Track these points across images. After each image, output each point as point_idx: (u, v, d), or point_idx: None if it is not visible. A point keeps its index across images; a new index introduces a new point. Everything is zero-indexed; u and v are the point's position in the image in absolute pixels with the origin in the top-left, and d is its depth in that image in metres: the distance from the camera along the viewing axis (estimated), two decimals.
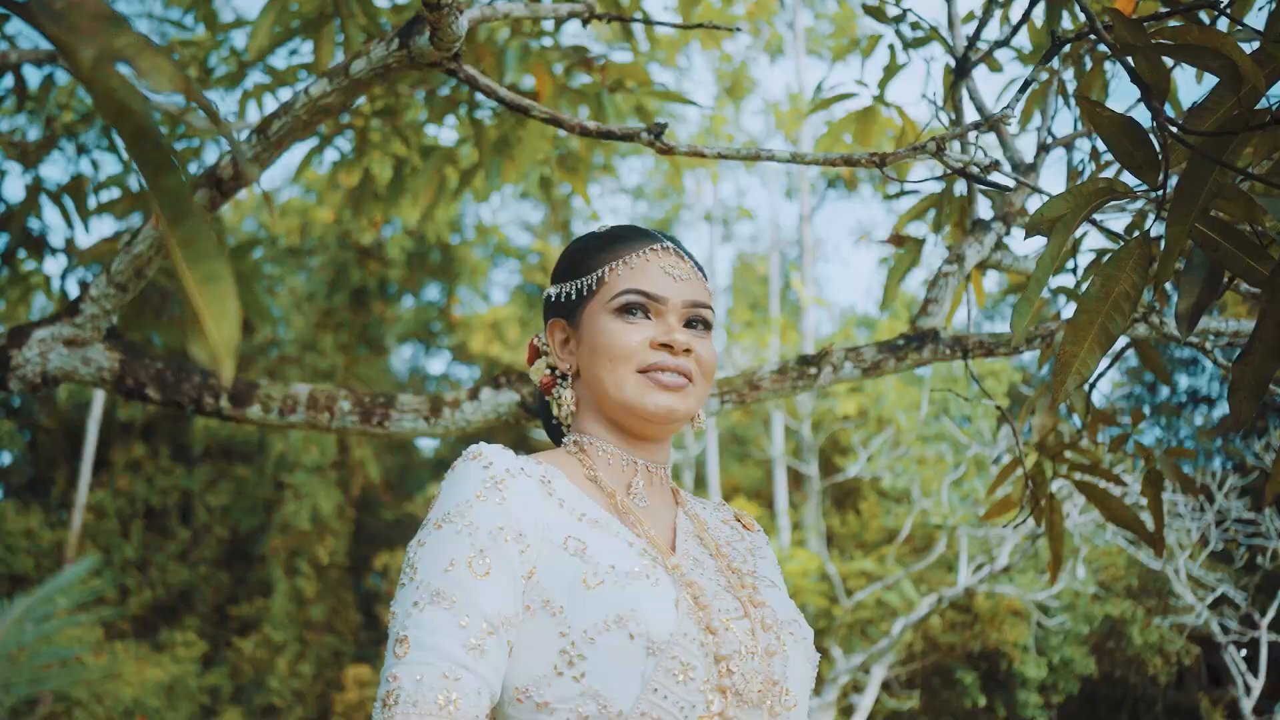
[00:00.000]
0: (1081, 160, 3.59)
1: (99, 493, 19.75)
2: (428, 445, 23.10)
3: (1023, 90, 1.97)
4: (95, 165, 5.31)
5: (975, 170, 2.30)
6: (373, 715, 1.33)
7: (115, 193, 5.64)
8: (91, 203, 5.16)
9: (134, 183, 6.31)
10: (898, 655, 13.47)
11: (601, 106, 4.38)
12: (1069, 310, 3.80)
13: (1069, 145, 3.51)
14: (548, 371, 1.67)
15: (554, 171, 5.62)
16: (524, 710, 1.39)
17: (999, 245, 3.24)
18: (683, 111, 18.67)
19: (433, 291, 22.91)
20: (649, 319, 1.59)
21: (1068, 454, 3.60)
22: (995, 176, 4.08)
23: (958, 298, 3.65)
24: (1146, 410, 19.15)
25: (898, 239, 3.97)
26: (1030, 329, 3.08)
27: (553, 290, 1.67)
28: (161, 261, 2.50)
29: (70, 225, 5.04)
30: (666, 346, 1.57)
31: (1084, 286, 2.73)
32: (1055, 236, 1.68)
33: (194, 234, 0.68)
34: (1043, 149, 3.32)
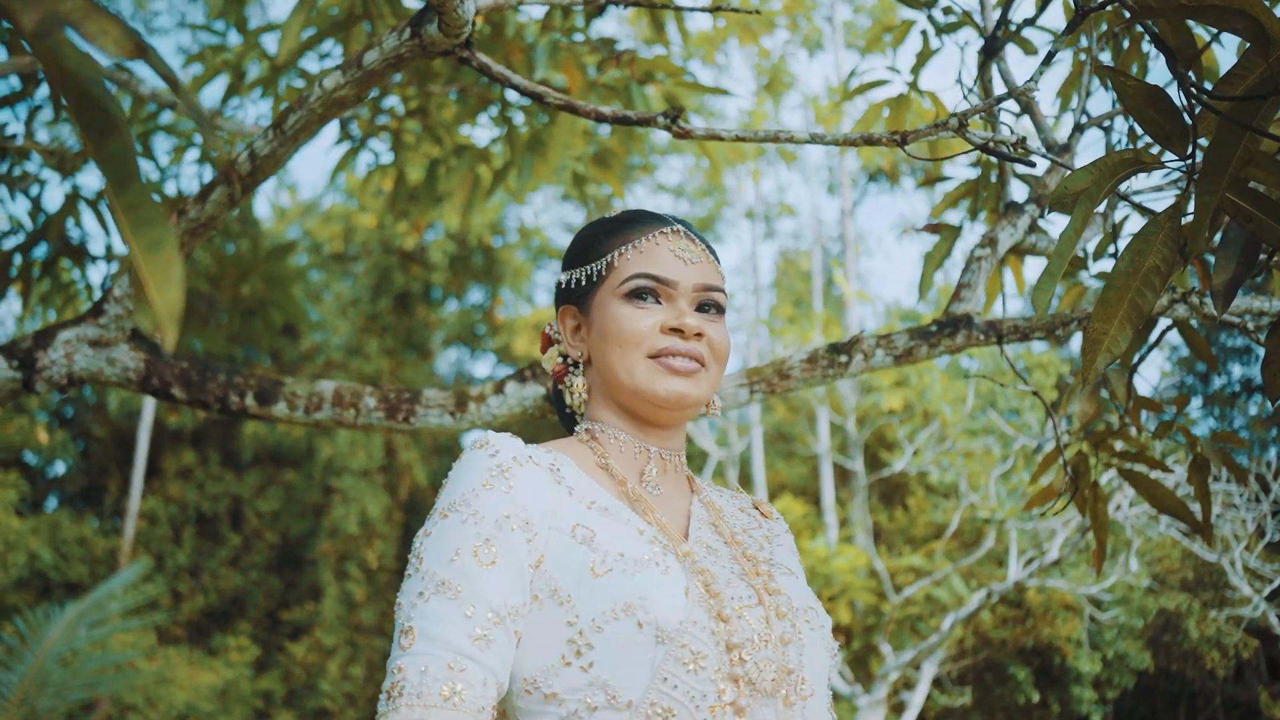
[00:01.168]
0: (1119, 139, 3.51)
1: (151, 500, 19.98)
2: None
3: (1045, 63, 1.91)
4: None
5: (1005, 149, 2.24)
6: (378, 707, 1.31)
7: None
8: None
9: (170, 188, 6.37)
10: (948, 651, 13.33)
11: (630, 100, 4.35)
12: None
13: (1105, 124, 3.44)
14: (560, 360, 1.65)
15: (588, 168, 5.60)
16: (532, 701, 1.37)
17: (1034, 228, 3.17)
18: (720, 108, 18.60)
19: (476, 295, 22.99)
20: (659, 303, 1.56)
21: (1115, 443, 3.53)
22: (1024, 153, 4.00)
23: (997, 284, 3.59)
24: (1200, 400, 18.82)
25: (933, 227, 3.92)
26: (1067, 313, 3.02)
27: (563, 277, 1.64)
28: (186, 260, 2.50)
29: (108, 232, 5.08)
30: (677, 331, 1.54)
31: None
32: (1078, 209, 1.63)
33: (138, 199, 0.66)
34: (1078, 129, 3.24)
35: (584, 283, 1.61)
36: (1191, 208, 1.76)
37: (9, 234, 5.33)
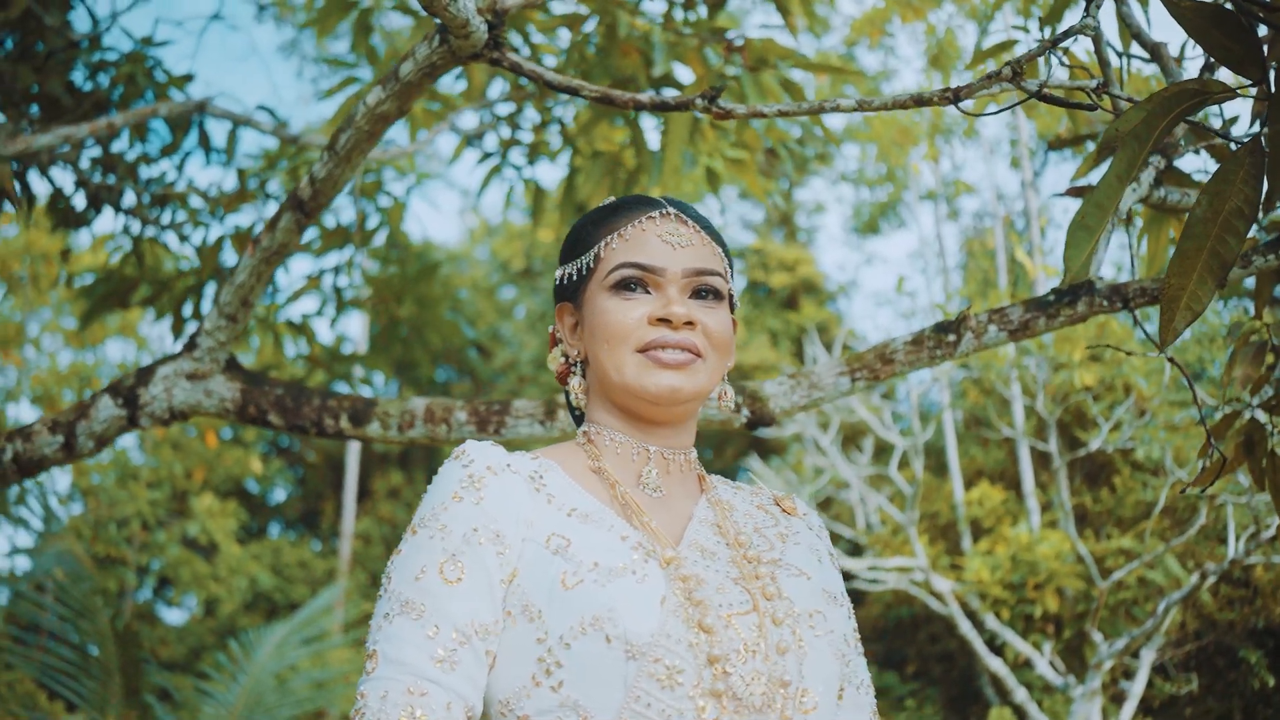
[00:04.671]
0: None
1: (364, 520, 20.80)
2: None
3: None
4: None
5: (1089, 96, 2.05)
6: None
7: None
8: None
9: (329, 220, 6.60)
10: (1169, 637, 12.58)
11: (743, 88, 4.24)
12: None
13: None
14: (563, 360, 1.56)
15: (724, 165, 5.50)
16: None
17: (1160, 181, 2.92)
18: (888, 89, 18.11)
19: None
20: (648, 293, 1.46)
21: None
22: (1099, 100, 3.71)
23: (1159, 244, 3.33)
24: None
25: (1076, 191, 3.69)
26: None
27: (558, 272, 1.56)
28: (263, 289, 2.53)
29: None
30: (665, 321, 1.43)
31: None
32: (1122, 152, 1.45)
33: None
34: (1207, 69, 2.97)
35: (575, 277, 1.52)
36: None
37: (181, 276, 5.57)
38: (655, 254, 1.46)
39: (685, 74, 6.08)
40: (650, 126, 5.28)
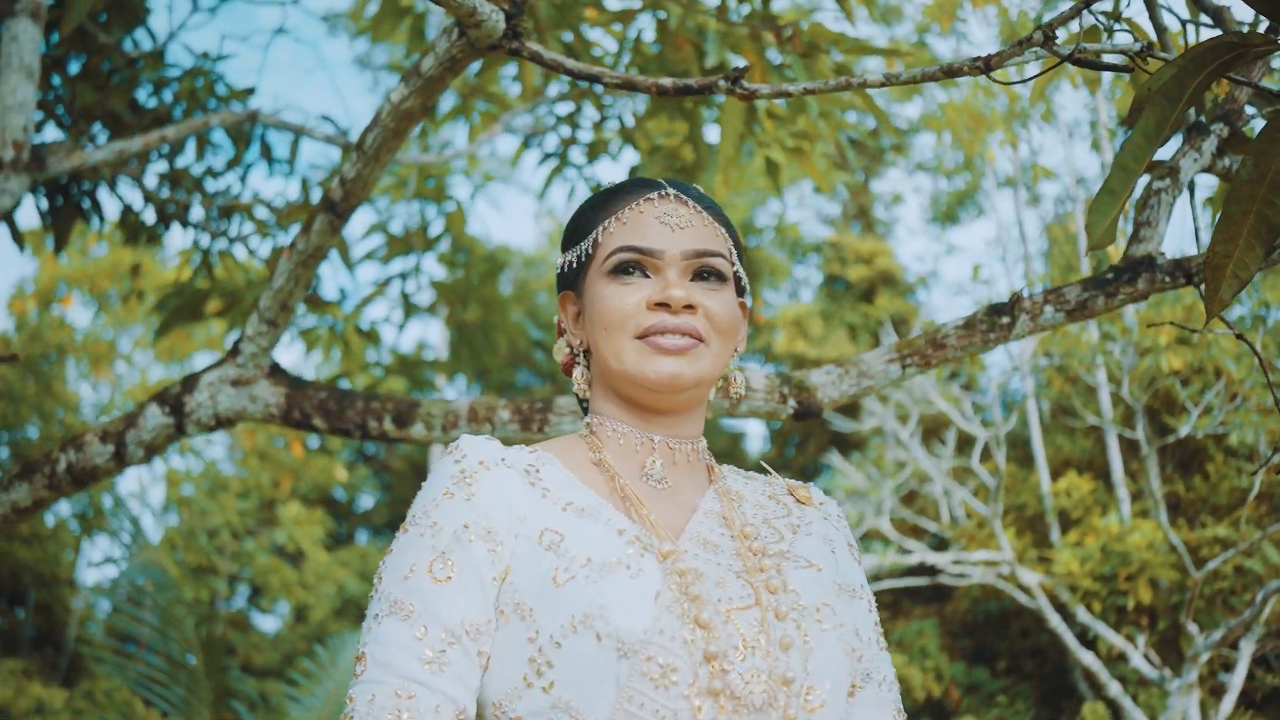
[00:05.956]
0: None
1: None
2: (754, 449, 23.09)
3: None
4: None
5: (1133, 59, 1.96)
6: None
7: (366, 243, 5.96)
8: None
9: (395, 227, 6.63)
10: (1269, 626, 12.17)
11: (798, 76, 4.17)
12: None
13: None
14: (567, 350, 1.51)
15: (783, 156, 5.42)
16: None
17: (1223, 151, 2.79)
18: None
19: None
20: (647, 277, 1.40)
21: None
22: (1143, 63, 3.56)
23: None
24: None
25: (1149, 166, 3.55)
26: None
27: (559, 260, 1.51)
28: (302, 293, 2.53)
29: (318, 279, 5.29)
30: (664, 305, 1.37)
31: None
32: (1149, 111, 1.37)
33: None
34: (1272, 31, 2.84)
35: (574, 265, 1.47)
36: None
37: (251, 287, 5.64)
38: (653, 236, 1.40)
39: (740, 65, 6.02)
40: (710, 117, 5.23)
